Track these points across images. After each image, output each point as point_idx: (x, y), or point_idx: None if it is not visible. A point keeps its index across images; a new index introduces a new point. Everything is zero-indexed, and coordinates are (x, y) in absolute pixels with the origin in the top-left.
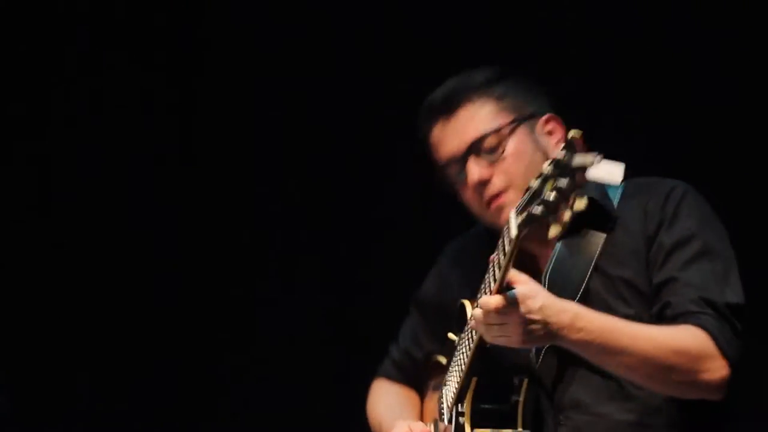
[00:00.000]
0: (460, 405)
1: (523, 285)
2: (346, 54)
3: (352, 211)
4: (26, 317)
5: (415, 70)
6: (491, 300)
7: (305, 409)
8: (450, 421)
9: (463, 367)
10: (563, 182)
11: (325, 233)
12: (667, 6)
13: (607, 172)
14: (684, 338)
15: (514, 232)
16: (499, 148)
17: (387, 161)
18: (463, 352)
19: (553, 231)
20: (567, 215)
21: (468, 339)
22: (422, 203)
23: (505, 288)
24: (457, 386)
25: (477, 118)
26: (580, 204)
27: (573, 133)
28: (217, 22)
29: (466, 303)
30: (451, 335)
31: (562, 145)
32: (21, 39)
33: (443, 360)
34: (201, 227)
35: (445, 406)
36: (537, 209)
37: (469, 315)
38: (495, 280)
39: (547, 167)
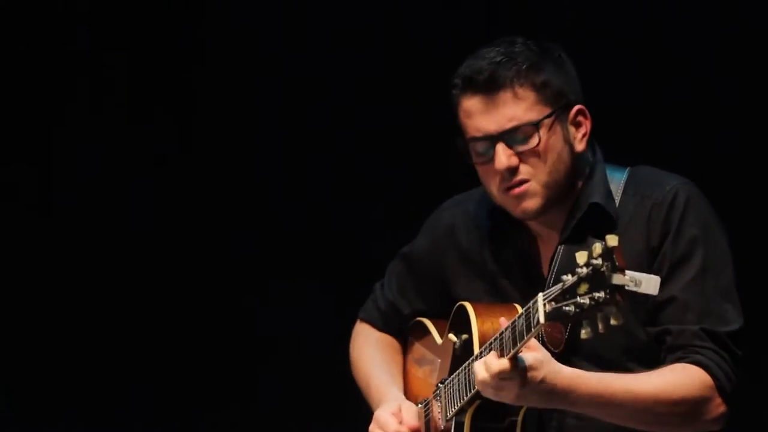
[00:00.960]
0: (459, 416)
1: (531, 354)
2: (345, 54)
3: (352, 212)
4: (26, 318)
5: (415, 71)
6: (497, 364)
7: (306, 409)
8: (447, 429)
9: (468, 390)
10: (600, 295)
11: (325, 234)
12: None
13: (646, 288)
14: (683, 386)
15: (541, 319)
16: (532, 139)
17: (387, 161)
18: (468, 375)
19: (585, 334)
20: (601, 327)
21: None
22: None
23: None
24: (459, 402)
25: (516, 106)
26: (616, 320)
27: (611, 241)
28: (216, 22)
29: (467, 306)
30: (451, 336)
31: (599, 249)
32: (21, 38)
33: (431, 326)
34: (201, 228)
35: (443, 407)
36: (569, 309)
37: (472, 320)
38: (505, 347)
39: (583, 268)
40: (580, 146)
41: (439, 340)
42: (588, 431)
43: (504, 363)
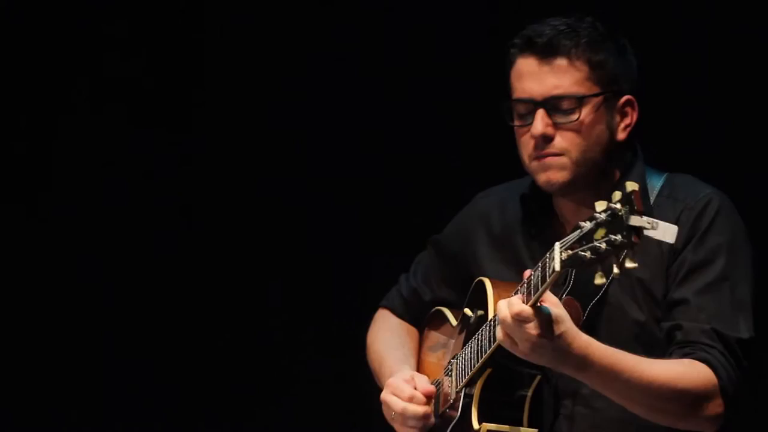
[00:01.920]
0: (469, 388)
1: (555, 307)
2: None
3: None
4: (27, 320)
5: (415, 71)
6: (519, 305)
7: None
8: (457, 399)
9: (480, 355)
10: (617, 238)
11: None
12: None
13: (662, 234)
14: (688, 378)
15: (557, 266)
16: (573, 113)
17: (387, 161)
18: (481, 341)
19: (599, 280)
20: (616, 271)
21: (490, 329)
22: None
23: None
24: (470, 371)
25: (567, 76)
26: (631, 263)
27: (631, 186)
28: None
29: (486, 281)
30: (467, 311)
31: (618, 195)
32: (21, 43)
33: (448, 314)
34: (201, 228)
35: (453, 381)
36: (585, 254)
37: (489, 294)
38: (528, 293)
39: (601, 213)
40: (621, 135)
41: (454, 322)
42: (597, 420)
43: (527, 308)
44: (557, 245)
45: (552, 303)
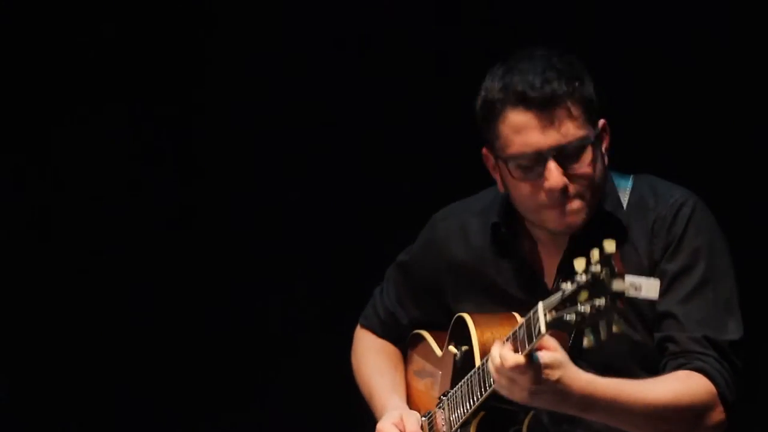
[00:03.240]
0: (463, 428)
1: (550, 353)
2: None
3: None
4: (28, 321)
5: (415, 70)
6: (512, 358)
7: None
8: None
9: (472, 401)
10: (601, 303)
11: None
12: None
13: (646, 292)
14: (689, 394)
15: (543, 329)
16: (580, 158)
17: (387, 161)
18: (471, 386)
19: (587, 342)
20: (603, 335)
21: (480, 375)
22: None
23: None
24: (463, 415)
25: (569, 123)
26: (618, 327)
27: (609, 247)
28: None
29: (467, 318)
30: (451, 348)
31: (597, 256)
32: (19, 46)
33: (430, 340)
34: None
35: (447, 420)
36: (570, 317)
37: (472, 332)
38: (520, 344)
39: (582, 275)
40: (606, 159)
41: (438, 352)
42: None
43: (520, 358)
44: (541, 305)
45: (550, 347)
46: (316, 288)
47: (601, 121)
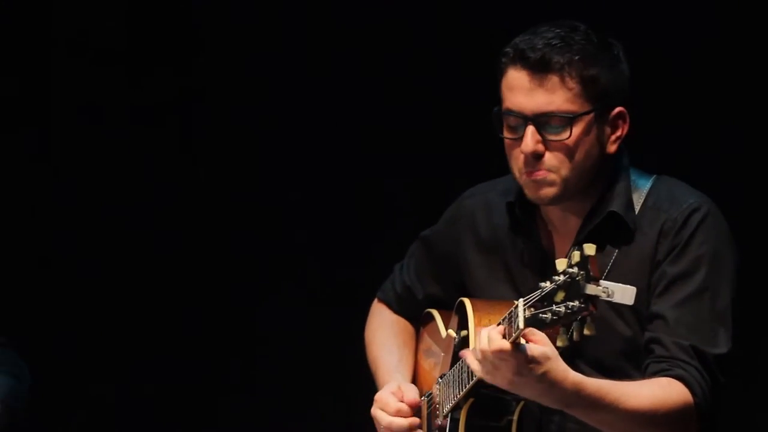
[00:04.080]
0: (455, 412)
1: (539, 347)
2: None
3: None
4: (25, 320)
5: (415, 71)
6: (498, 342)
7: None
8: (444, 424)
9: (462, 386)
10: (575, 305)
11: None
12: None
13: (621, 297)
14: (668, 402)
15: (521, 324)
16: (564, 131)
17: (387, 161)
18: (462, 372)
19: (560, 342)
20: (576, 337)
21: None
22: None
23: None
24: (453, 399)
25: (559, 93)
26: (589, 330)
27: (588, 249)
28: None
29: (467, 303)
30: (451, 332)
31: (576, 258)
32: (15, 41)
33: (439, 321)
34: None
35: (441, 403)
36: (546, 316)
37: (470, 318)
38: (508, 332)
39: (560, 276)
40: (611, 148)
41: (443, 333)
42: None
43: (506, 344)
44: (521, 302)
45: (540, 341)
46: (316, 288)
47: (617, 109)
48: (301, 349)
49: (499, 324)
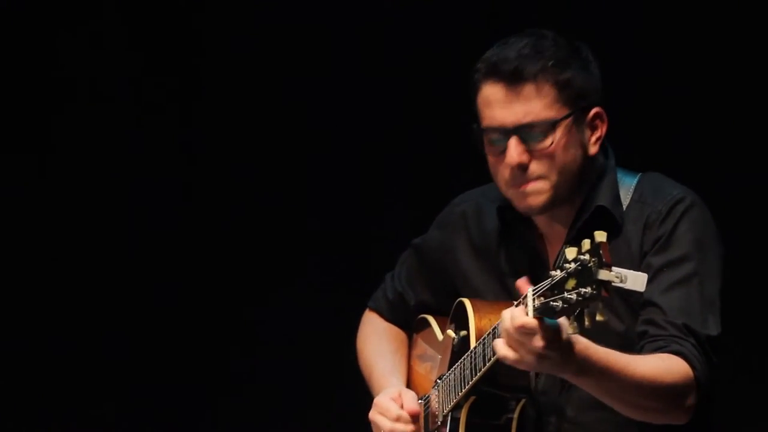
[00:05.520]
0: (455, 412)
1: (555, 321)
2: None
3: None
4: (24, 321)
5: (415, 70)
6: (525, 319)
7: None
8: (444, 422)
9: (464, 384)
10: (587, 291)
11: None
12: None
13: (632, 284)
14: (670, 374)
15: (530, 314)
16: (546, 138)
17: (386, 161)
18: (463, 369)
19: (571, 329)
20: (587, 323)
21: (472, 359)
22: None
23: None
24: (454, 398)
25: (536, 101)
26: (601, 317)
27: (599, 237)
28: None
29: (466, 303)
30: (450, 332)
31: (587, 245)
32: (16, 39)
33: (434, 325)
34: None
35: (440, 402)
36: (557, 304)
37: (470, 317)
38: (527, 307)
39: (571, 263)
40: (593, 149)
41: (440, 336)
42: None
43: (530, 319)
44: (530, 291)
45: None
46: (316, 287)
47: (594, 110)
48: (301, 350)
49: (516, 305)
